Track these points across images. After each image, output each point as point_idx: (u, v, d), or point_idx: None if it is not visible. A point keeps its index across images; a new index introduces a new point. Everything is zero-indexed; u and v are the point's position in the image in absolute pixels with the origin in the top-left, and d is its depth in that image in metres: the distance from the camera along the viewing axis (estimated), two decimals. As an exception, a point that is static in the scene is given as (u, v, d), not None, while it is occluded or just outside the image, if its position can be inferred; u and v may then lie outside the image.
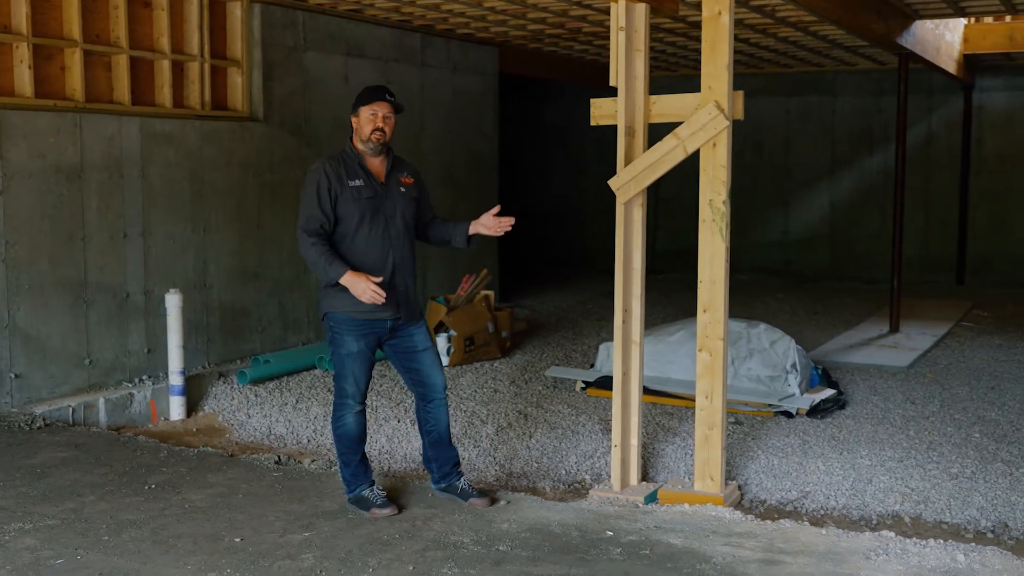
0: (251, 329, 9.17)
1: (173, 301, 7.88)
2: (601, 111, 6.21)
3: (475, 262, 11.61)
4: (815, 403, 7.51)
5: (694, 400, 7.70)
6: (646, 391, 7.87)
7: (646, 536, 4.85)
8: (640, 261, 6.13)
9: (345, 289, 5.06)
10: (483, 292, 9.82)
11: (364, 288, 4.93)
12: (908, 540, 4.82)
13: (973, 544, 4.87)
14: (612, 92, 6.04)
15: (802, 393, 7.70)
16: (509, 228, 5.25)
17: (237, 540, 4.76)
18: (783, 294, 13.86)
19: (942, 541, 4.81)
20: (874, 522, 5.73)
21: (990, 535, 5.54)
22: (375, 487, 5.19)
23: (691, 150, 5.83)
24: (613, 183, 6.00)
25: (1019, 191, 14.77)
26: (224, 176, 8.84)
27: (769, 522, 5.13)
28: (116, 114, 7.93)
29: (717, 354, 5.86)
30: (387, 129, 5.19)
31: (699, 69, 5.85)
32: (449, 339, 9.24)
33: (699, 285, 5.91)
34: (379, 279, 5.00)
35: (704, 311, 5.89)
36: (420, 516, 5.12)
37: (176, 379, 7.91)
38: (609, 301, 13.39)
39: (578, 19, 10.79)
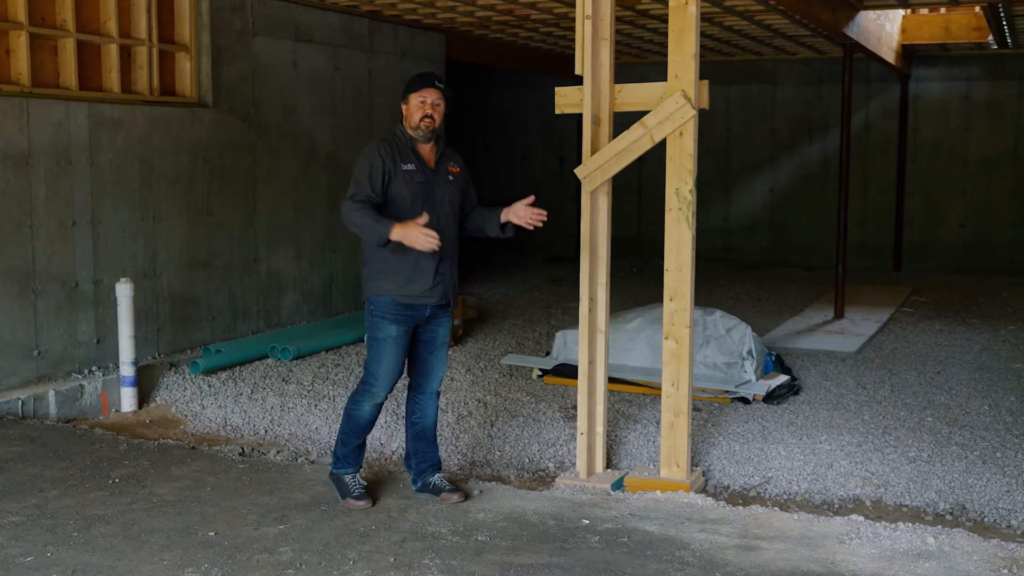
0: (201, 318, 9.03)
1: (124, 291, 7.72)
2: (566, 99, 6.21)
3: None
4: (771, 389, 7.61)
5: (652, 387, 7.80)
6: (603, 378, 7.93)
7: (622, 524, 4.88)
8: (605, 250, 6.14)
9: (392, 270, 5.08)
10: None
11: (416, 235, 4.84)
12: (878, 524, 4.92)
13: (939, 527, 4.98)
14: (556, 80, 6.03)
15: (757, 379, 7.80)
16: (541, 222, 5.20)
17: (211, 534, 4.70)
18: (725, 280, 14.01)
19: (911, 524, 4.91)
20: (836, 506, 5.83)
21: (948, 517, 5.66)
22: (358, 475, 5.16)
23: (658, 139, 5.85)
24: (579, 172, 6.00)
25: (953, 179, 15.10)
26: (173, 163, 8.69)
27: (742, 508, 5.20)
28: (63, 99, 7.74)
29: (684, 342, 5.90)
30: (436, 116, 5.21)
31: (651, 56, 5.86)
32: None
33: (666, 273, 5.94)
34: (424, 219, 4.91)
35: (671, 299, 5.93)
36: (395, 507, 5.09)
37: (127, 370, 7.77)
38: (556, 288, 13.53)
39: (527, 6, 10.77)
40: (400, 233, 4.89)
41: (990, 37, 12.90)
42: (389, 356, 5.16)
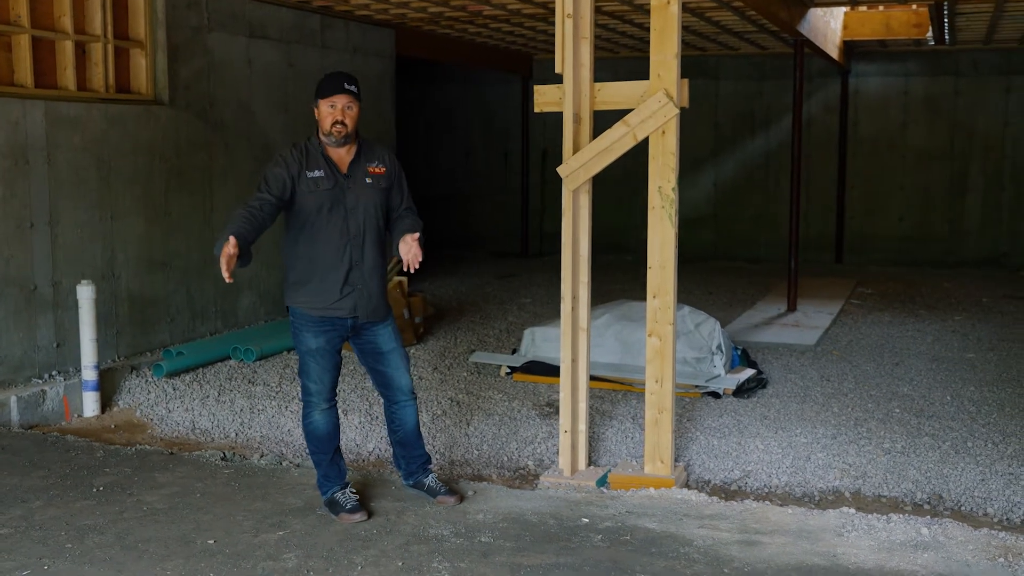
0: (160, 320, 8.87)
1: (86, 293, 7.55)
2: (545, 98, 6.23)
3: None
4: (740, 383, 7.70)
5: (623, 383, 7.85)
6: (573, 375, 7.96)
7: (621, 522, 4.91)
8: (587, 248, 6.16)
9: (305, 283, 4.98)
10: (396, 278, 9.72)
11: (221, 258, 4.50)
12: (871, 516, 5.00)
13: (929, 518, 5.08)
14: (501, 76, 6.05)
15: (726, 374, 7.88)
16: (414, 267, 4.96)
17: (211, 542, 4.62)
18: (673, 274, 14.12)
19: (903, 515, 5.01)
20: (817, 498, 5.92)
21: (927, 507, 5.77)
22: (347, 490, 5.02)
23: (640, 137, 5.88)
24: (562, 170, 6.01)
25: (891, 173, 15.41)
26: (131, 162, 8.51)
27: (736, 503, 5.25)
28: (19, 97, 7.54)
29: (667, 339, 5.95)
30: (348, 121, 4.98)
31: (623, 51, 5.89)
32: (366, 326, 9.11)
33: (648, 271, 5.99)
34: (234, 251, 4.53)
35: (654, 297, 5.97)
36: (392, 510, 5.06)
37: (90, 374, 7.60)
38: (506, 284, 13.54)
39: (480, 1, 10.75)
40: (219, 249, 4.55)
41: (929, 33, 13.19)
42: (316, 365, 5.03)
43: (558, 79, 6.16)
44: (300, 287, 5.01)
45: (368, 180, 5.08)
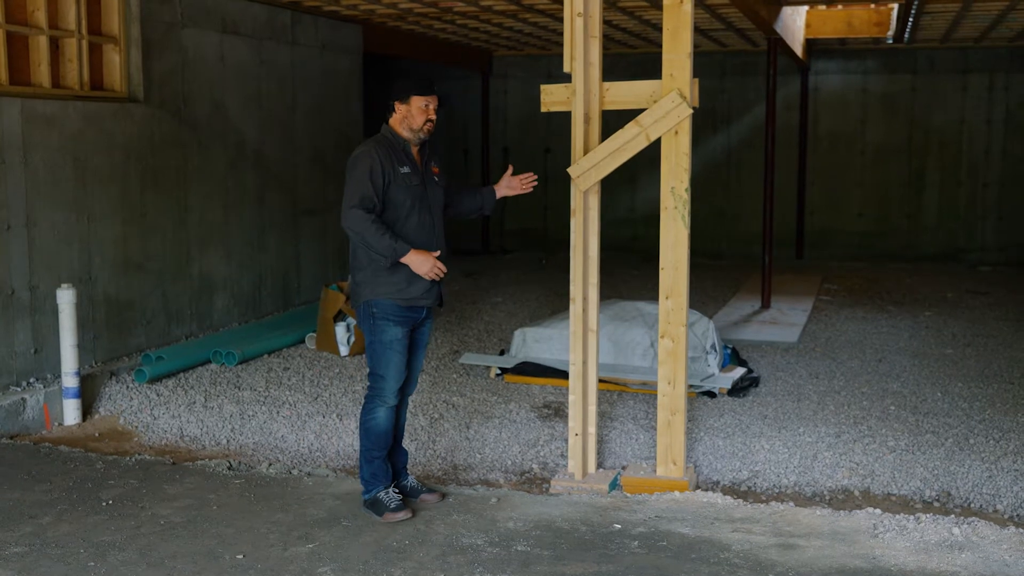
0: (136, 323, 8.63)
1: (66, 297, 7.31)
2: (552, 97, 6.12)
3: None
4: (735, 382, 7.69)
5: (618, 383, 7.80)
6: (564, 376, 7.88)
7: (654, 527, 4.85)
8: (596, 249, 6.08)
9: (391, 274, 5.01)
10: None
11: (431, 265, 4.95)
12: (899, 516, 5.00)
13: (952, 517, 5.10)
14: (462, 73, 5.98)
15: (719, 372, 7.87)
16: (534, 185, 5.54)
17: (239, 557, 4.47)
18: (638, 271, 14.15)
19: (932, 515, 5.02)
20: (828, 498, 5.92)
21: (936, 504, 5.81)
22: (391, 489, 4.99)
23: (654, 138, 5.83)
24: (572, 171, 5.92)
25: (850, 168, 15.58)
26: (107, 161, 8.26)
27: (763, 505, 5.22)
28: (-5, 95, 7.29)
29: (680, 340, 5.90)
30: (433, 121, 5.19)
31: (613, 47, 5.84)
32: (349, 327, 8.98)
33: (661, 272, 5.93)
34: (437, 253, 5.05)
35: (667, 298, 5.92)
36: (419, 519, 4.95)
37: (71, 381, 7.36)
38: (474, 283, 13.43)
39: (454, -2, 10.64)
40: (414, 259, 4.94)
41: (890, 32, 13.33)
42: (396, 359, 5.08)
43: (518, 76, 6.09)
44: (388, 278, 5.03)
45: (436, 178, 5.25)
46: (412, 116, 5.12)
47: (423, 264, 4.94)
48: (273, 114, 10.50)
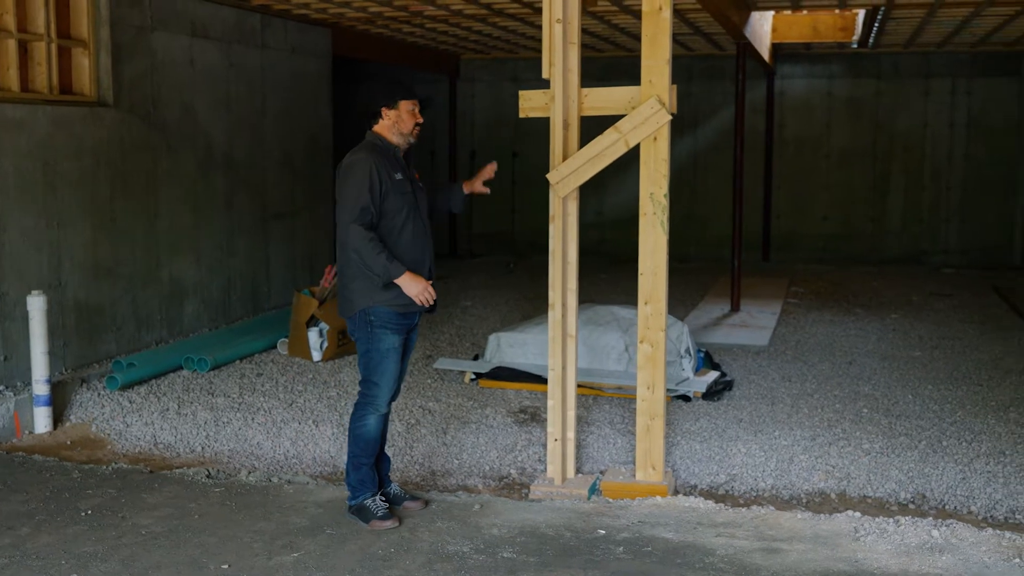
0: (106, 329, 8.54)
1: (37, 304, 7.22)
2: (531, 103, 6.13)
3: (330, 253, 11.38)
4: (709, 385, 7.74)
5: (592, 388, 7.82)
6: (540, 381, 7.90)
7: (638, 532, 4.87)
8: (575, 255, 6.12)
9: (387, 283, 4.98)
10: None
11: (422, 289, 4.93)
12: (879, 519, 5.06)
13: (931, 519, 5.16)
14: (429, 76, 6.01)
15: (693, 376, 7.91)
16: (494, 172, 5.60)
17: (224, 567, 4.44)
18: (607, 275, 14.18)
19: (911, 518, 5.08)
20: (805, 500, 5.96)
21: (912, 506, 5.87)
22: (378, 496, 4.98)
23: (632, 144, 5.87)
24: (552, 177, 5.95)
25: (815, 172, 15.73)
26: (76, 166, 8.17)
27: (745, 509, 5.26)
28: (-36, 99, 7.19)
29: (659, 345, 5.92)
30: (421, 124, 5.21)
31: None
32: (322, 333, 8.94)
33: (640, 277, 5.97)
34: (429, 280, 5.05)
35: (646, 303, 5.95)
36: (404, 526, 4.93)
37: (41, 388, 7.27)
38: (442, 286, 13.39)
39: (424, 1, 10.61)
40: (407, 281, 4.92)
41: (855, 37, 13.47)
42: (392, 367, 5.08)
43: (485, 79, 6.12)
44: (384, 287, 4.98)
45: (420, 184, 5.26)
46: (402, 121, 5.11)
47: (413, 287, 4.91)
48: (242, 118, 10.43)
